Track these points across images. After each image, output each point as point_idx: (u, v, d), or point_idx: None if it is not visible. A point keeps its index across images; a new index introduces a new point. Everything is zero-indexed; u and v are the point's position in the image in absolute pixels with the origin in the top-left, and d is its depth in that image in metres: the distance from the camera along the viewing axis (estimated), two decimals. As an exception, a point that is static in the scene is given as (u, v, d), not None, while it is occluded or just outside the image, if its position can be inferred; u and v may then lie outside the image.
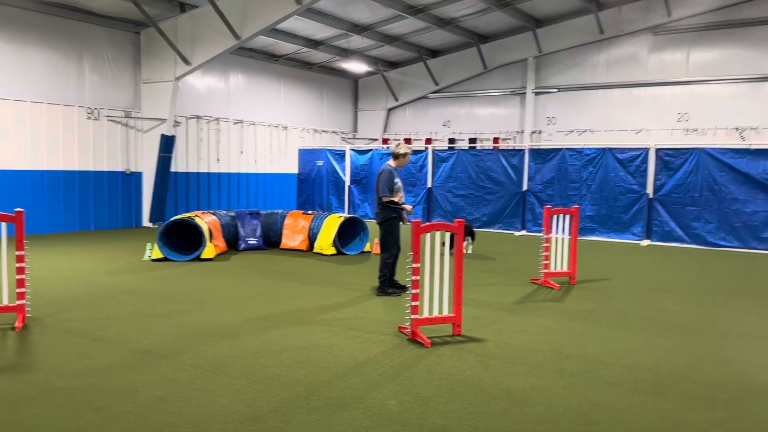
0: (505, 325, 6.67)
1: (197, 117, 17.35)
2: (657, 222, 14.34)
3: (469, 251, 11.67)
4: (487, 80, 20.77)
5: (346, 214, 12.20)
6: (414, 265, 5.93)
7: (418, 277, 5.95)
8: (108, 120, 15.17)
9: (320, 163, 19.90)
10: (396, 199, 8.02)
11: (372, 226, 13.34)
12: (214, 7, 13.59)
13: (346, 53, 19.73)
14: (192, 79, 17.19)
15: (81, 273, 9.19)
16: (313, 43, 18.67)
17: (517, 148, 17.55)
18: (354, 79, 23.01)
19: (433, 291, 6.08)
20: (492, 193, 16.78)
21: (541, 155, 16.04)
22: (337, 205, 19.61)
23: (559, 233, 9.11)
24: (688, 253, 12.90)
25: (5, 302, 6.22)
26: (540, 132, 19.91)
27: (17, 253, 6.11)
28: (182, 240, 11.10)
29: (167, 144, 15.47)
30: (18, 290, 6.16)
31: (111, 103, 15.24)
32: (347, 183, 19.29)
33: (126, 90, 15.57)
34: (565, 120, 19.44)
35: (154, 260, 10.44)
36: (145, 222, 15.85)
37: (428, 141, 21.28)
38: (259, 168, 19.31)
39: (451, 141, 21.02)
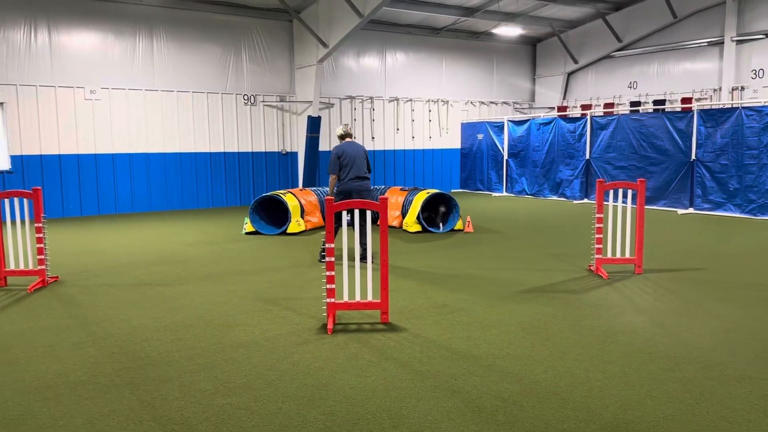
0: (458, 317, 5.85)
1: (351, 97, 17.98)
2: None
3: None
4: (679, 31, 17.73)
5: (434, 190, 11.64)
6: (327, 246, 5.54)
7: (332, 259, 5.53)
8: (264, 105, 16.60)
9: (480, 136, 19.15)
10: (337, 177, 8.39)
11: (463, 201, 12.68)
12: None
13: (512, 17, 18.54)
14: (347, 60, 17.86)
15: (162, 242, 10.35)
16: (469, 11, 17.89)
17: (684, 109, 14.73)
18: (532, 45, 21.52)
19: (354, 274, 5.62)
20: (656, 163, 14.42)
21: (712, 117, 13.26)
22: (496, 180, 18.72)
23: (621, 213, 7.57)
24: None
25: (30, 267, 7.38)
26: (742, 88, 16.40)
27: (36, 225, 7.19)
28: (278, 214, 11.76)
29: (314, 125, 16.36)
30: (39, 257, 7.25)
31: (267, 89, 16.62)
32: (505, 156, 18.27)
33: (282, 76, 16.83)
34: (777, 71, 15.73)
35: (247, 233, 11.27)
36: (300, 198, 17.07)
37: (609, 106, 18.98)
38: (417, 144, 19.31)
39: (635, 104, 18.44)
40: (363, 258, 6.08)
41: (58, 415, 3.83)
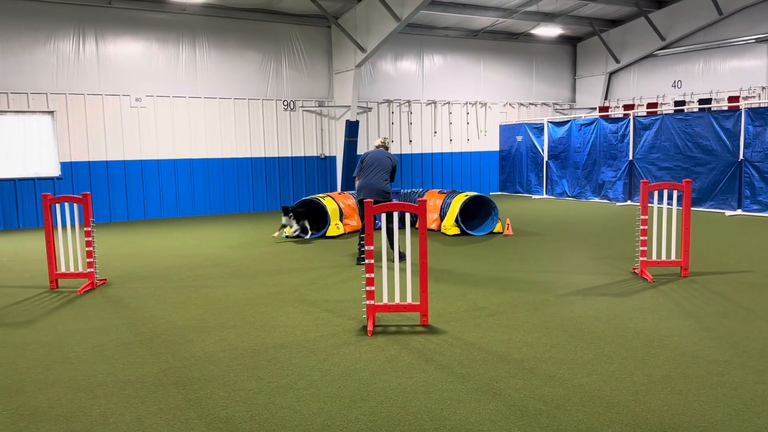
0: (498, 320, 5.81)
1: (388, 101, 18.04)
2: None
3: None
4: (725, 28, 17.26)
5: (472, 193, 11.58)
6: (367, 248, 5.58)
7: (372, 261, 5.57)
8: (303, 110, 16.78)
9: (519, 138, 18.97)
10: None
11: (502, 204, 12.54)
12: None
13: (551, 17, 18.33)
14: (384, 64, 17.93)
15: (206, 246, 10.55)
16: (508, 12, 17.76)
17: (731, 108, 14.31)
18: (572, 45, 21.23)
19: (393, 277, 5.65)
20: (702, 164, 14.05)
21: (761, 115, 12.87)
22: (536, 182, 18.52)
23: (666, 215, 7.42)
24: None
25: (80, 269, 7.63)
26: (793, 85, 15.88)
27: (85, 229, 7.42)
28: (318, 217, 11.86)
29: (352, 129, 16.48)
30: (88, 260, 7.48)
31: (306, 94, 16.80)
32: (545, 158, 18.05)
33: (320, 81, 16.99)
34: (830, 67, 15.18)
35: (288, 237, 11.41)
36: (339, 202, 17.19)
37: (652, 106, 18.59)
38: (455, 147, 19.23)
39: (679, 104, 18.02)
40: (400, 258, 6.09)
41: (108, 413, 3.95)
